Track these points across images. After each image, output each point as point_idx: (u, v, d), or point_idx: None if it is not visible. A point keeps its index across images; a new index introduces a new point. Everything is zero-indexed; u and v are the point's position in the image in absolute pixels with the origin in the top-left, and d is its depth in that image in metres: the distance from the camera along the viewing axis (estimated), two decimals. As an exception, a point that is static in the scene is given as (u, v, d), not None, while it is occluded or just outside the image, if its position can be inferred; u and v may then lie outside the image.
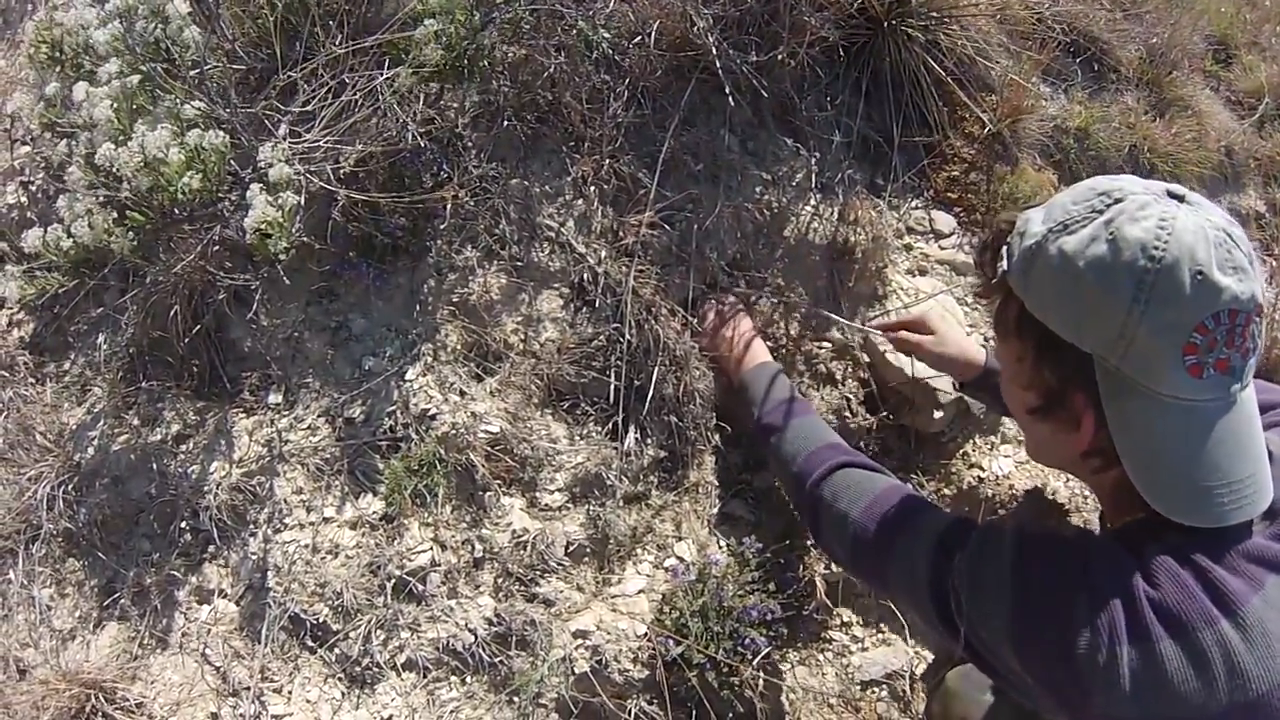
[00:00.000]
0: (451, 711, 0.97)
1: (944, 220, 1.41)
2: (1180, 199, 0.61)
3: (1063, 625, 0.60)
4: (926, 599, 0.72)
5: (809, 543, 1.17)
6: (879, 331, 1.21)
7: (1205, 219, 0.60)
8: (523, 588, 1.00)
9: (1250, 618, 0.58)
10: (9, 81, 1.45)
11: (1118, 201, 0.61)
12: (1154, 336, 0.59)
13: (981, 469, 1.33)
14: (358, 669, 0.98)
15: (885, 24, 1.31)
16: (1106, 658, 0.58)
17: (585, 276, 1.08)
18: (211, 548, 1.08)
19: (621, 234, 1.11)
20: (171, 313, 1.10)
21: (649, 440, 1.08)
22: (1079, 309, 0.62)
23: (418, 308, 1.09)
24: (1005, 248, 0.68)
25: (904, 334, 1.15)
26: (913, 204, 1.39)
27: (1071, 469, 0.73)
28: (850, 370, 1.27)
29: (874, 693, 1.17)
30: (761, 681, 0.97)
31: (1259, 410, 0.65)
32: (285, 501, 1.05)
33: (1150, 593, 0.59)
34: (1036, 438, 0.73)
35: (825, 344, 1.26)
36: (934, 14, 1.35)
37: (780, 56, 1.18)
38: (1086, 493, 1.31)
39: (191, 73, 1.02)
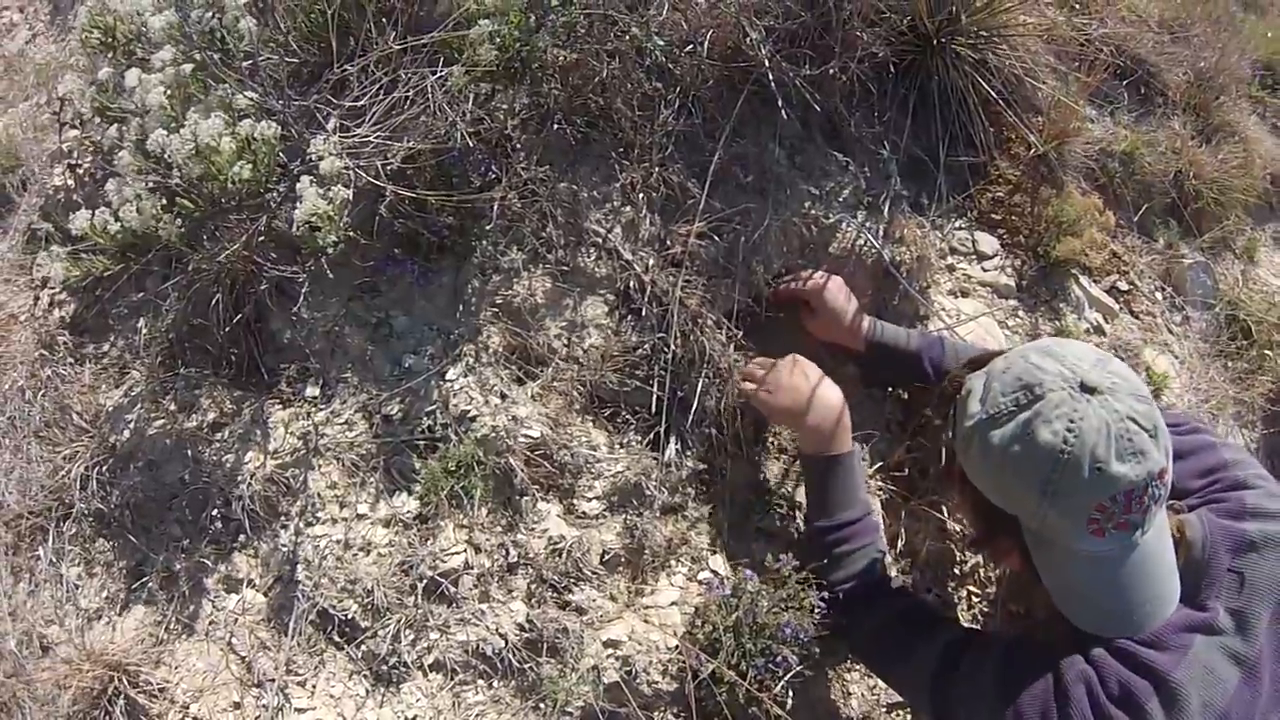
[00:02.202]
0: (477, 715, 0.96)
1: (987, 242, 1.39)
2: (1093, 391, 0.75)
3: (1046, 718, 0.76)
4: (929, 702, 0.89)
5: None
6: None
7: (1112, 411, 0.74)
8: (555, 594, 0.99)
9: (1180, 679, 0.75)
10: (60, 65, 1.47)
11: (1038, 399, 0.76)
12: (1061, 517, 0.76)
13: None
14: (384, 667, 0.98)
15: (935, 42, 1.30)
16: None
17: (631, 284, 1.08)
18: (242, 537, 1.08)
19: (669, 243, 1.10)
20: (213, 301, 1.10)
21: (689, 452, 1.07)
22: (1002, 491, 0.80)
23: (461, 308, 1.08)
24: (952, 410, 0.85)
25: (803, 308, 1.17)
26: (957, 224, 1.37)
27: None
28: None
29: (898, 716, 1.15)
30: (791, 700, 0.96)
31: (1200, 474, 0.88)
32: (319, 495, 1.04)
33: (1104, 689, 0.76)
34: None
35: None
36: (983, 33, 1.34)
37: (831, 71, 1.17)
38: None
39: (245, 63, 1.02)
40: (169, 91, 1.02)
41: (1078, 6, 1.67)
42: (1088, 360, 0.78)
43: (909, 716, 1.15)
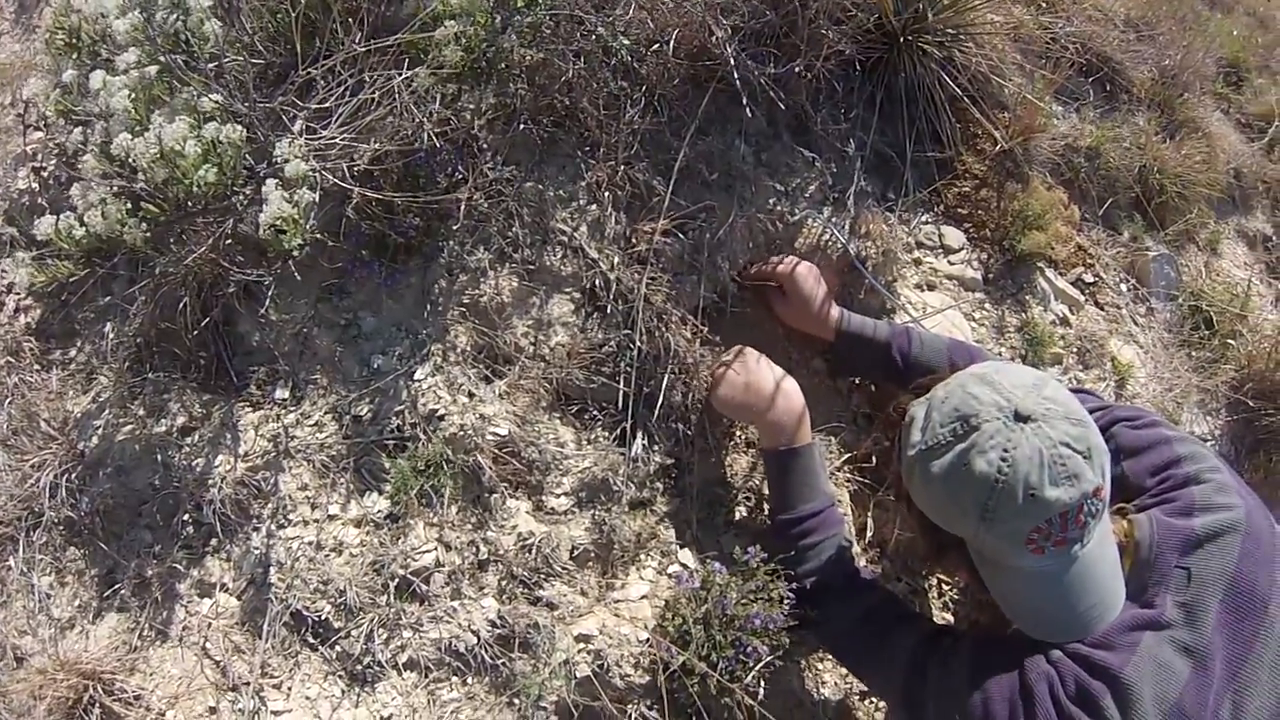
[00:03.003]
0: (452, 712, 0.97)
1: (954, 236, 1.41)
2: (1027, 419, 0.78)
3: (1013, 716, 0.80)
4: (900, 698, 0.93)
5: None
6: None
7: (1045, 438, 0.77)
8: (526, 590, 1.00)
9: (1131, 676, 0.78)
10: (24, 66, 1.45)
11: (973, 430, 0.80)
12: (998, 540, 0.80)
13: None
14: (359, 667, 0.98)
15: (901, 40, 1.31)
16: None
17: (597, 282, 1.09)
18: (214, 541, 1.07)
19: (634, 240, 1.11)
20: (180, 305, 1.09)
21: (656, 447, 1.08)
22: (944, 516, 0.84)
23: (428, 308, 1.09)
24: (898, 435, 0.88)
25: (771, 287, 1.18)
26: (923, 219, 1.39)
27: None
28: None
29: (872, 703, 1.17)
30: (762, 690, 0.98)
31: (1154, 471, 0.91)
32: (290, 497, 1.04)
33: (1063, 688, 0.79)
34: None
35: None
36: (950, 31, 1.36)
37: (797, 69, 1.19)
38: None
39: (210, 66, 1.02)
40: (133, 94, 1.02)
41: (1044, 4, 1.69)
42: (1023, 387, 0.81)
43: (882, 706, 1.17)
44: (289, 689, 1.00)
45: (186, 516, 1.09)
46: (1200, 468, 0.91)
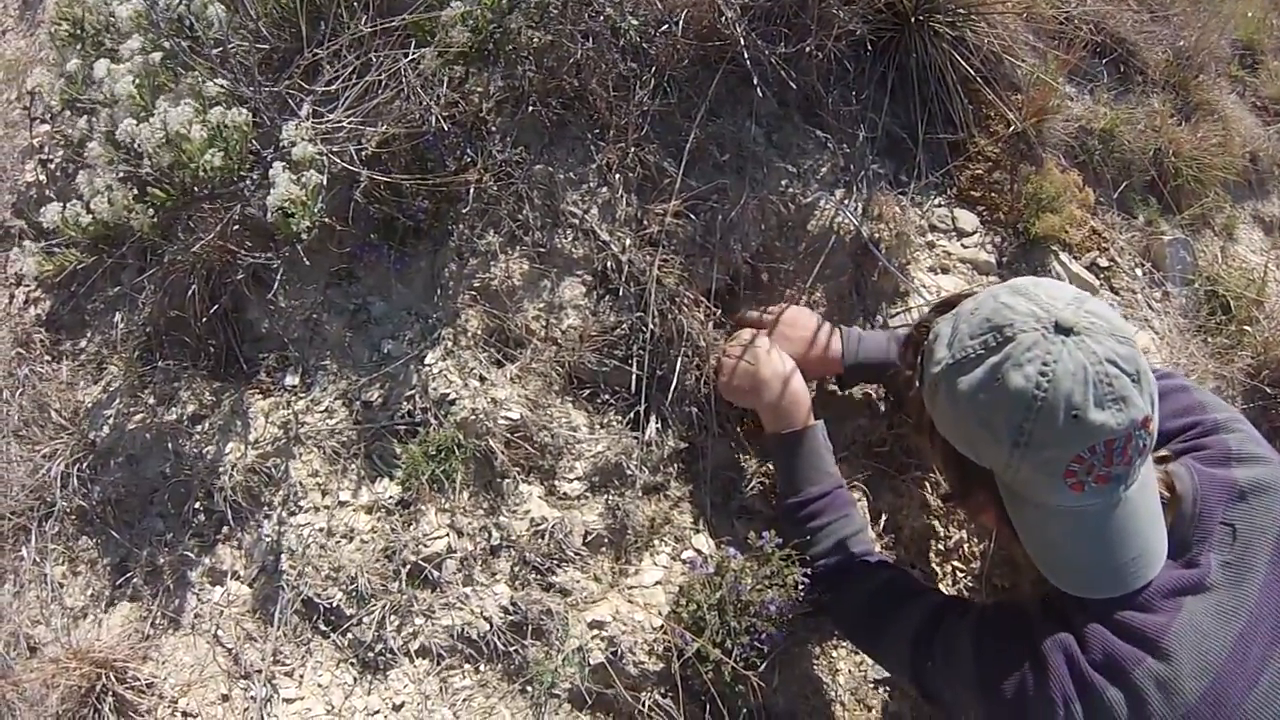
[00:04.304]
0: (464, 700, 0.96)
1: (967, 219, 1.39)
2: (1069, 331, 0.68)
3: (1020, 692, 0.74)
4: (910, 675, 0.89)
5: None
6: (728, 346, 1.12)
7: (1090, 353, 0.68)
8: (539, 577, 0.99)
9: (1171, 644, 0.71)
10: (29, 59, 1.45)
11: (1008, 341, 0.70)
12: (1034, 471, 0.70)
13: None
14: (370, 654, 0.98)
15: (913, 19, 1.29)
16: (1065, 714, 0.71)
17: (609, 264, 1.07)
18: (225, 529, 1.07)
19: (646, 223, 1.10)
20: (189, 292, 1.09)
21: (670, 431, 1.07)
22: (972, 443, 0.74)
23: (438, 292, 1.08)
24: (921, 355, 0.79)
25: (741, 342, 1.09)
26: (936, 201, 1.37)
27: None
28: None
29: (885, 691, 1.16)
30: (776, 677, 0.97)
31: (1176, 414, 0.82)
32: (300, 484, 1.04)
33: (1087, 656, 0.72)
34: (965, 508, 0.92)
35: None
36: (961, 10, 1.34)
37: (808, 49, 1.17)
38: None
39: (214, 50, 1.01)
40: (138, 81, 1.01)
41: (1056, -16, 1.66)
42: (1063, 298, 0.71)
43: (897, 692, 1.16)
44: (301, 676, 0.99)
45: (198, 504, 1.08)
46: (1226, 416, 0.84)
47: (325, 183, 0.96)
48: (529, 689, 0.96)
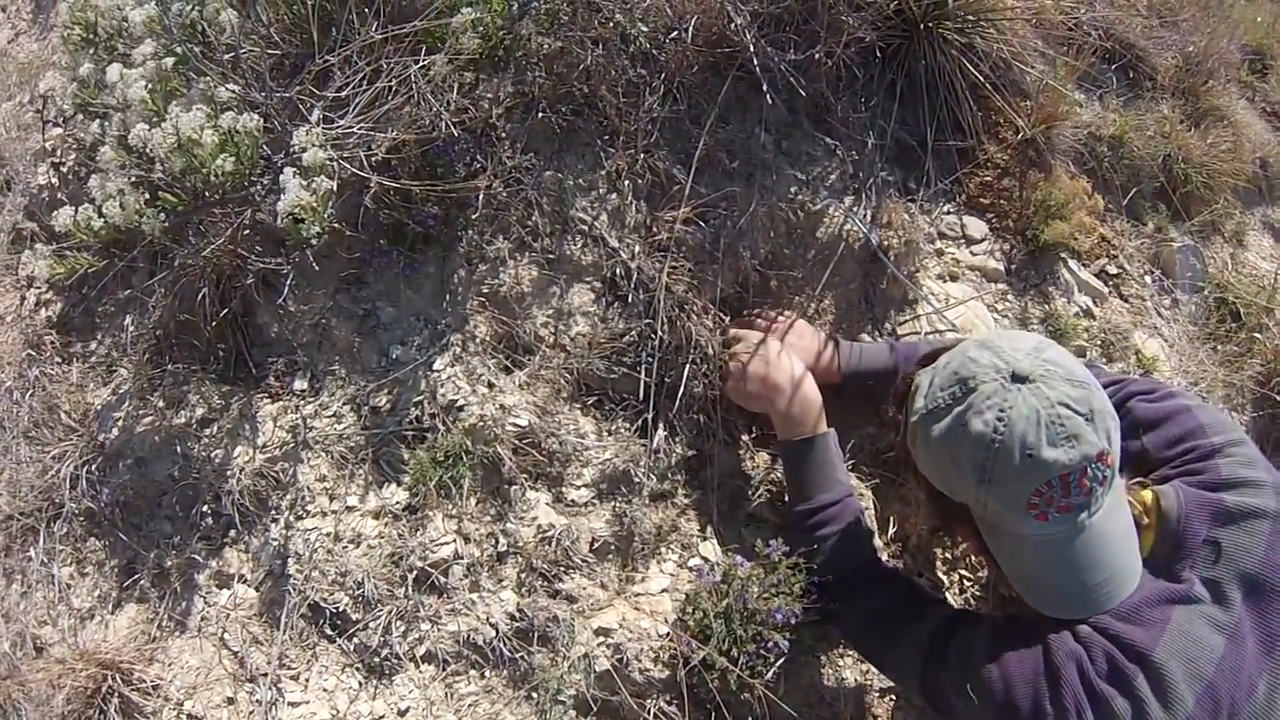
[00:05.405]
0: (470, 705, 0.96)
1: (976, 226, 1.39)
2: (1025, 380, 0.77)
3: (1035, 702, 0.77)
4: (919, 686, 0.91)
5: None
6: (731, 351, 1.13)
7: (1043, 398, 0.76)
8: (546, 583, 0.99)
9: (1163, 653, 0.76)
10: (42, 63, 1.46)
11: (971, 391, 0.79)
12: (1000, 504, 0.79)
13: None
14: (376, 659, 0.98)
15: (922, 26, 1.29)
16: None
17: (618, 271, 1.07)
18: (233, 532, 1.07)
19: (655, 229, 1.10)
20: (199, 296, 1.09)
21: (678, 438, 1.07)
22: (946, 481, 0.83)
23: (447, 298, 1.08)
24: (906, 405, 0.87)
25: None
26: (945, 209, 1.37)
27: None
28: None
29: (891, 699, 1.16)
30: (782, 686, 0.96)
31: (1172, 442, 0.89)
32: (308, 489, 1.04)
33: (1094, 666, 0.77)
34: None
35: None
36: (970, 17, 1.33)
37: (817, 56, 1.17)
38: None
39: (226, 56, 1.01)
40: (150, 86, 1.02)
41: (1065, -10, 1.66)
42: (1024, 349, 0.80)
43: (904, 701, 1.15)
44: (306, 680, 0.99)
45: (205, 508, 1.09)
46: (1226, 439, 0.88)
47: (335, 188, 0.96)
48: (534, 695, 0.96)
